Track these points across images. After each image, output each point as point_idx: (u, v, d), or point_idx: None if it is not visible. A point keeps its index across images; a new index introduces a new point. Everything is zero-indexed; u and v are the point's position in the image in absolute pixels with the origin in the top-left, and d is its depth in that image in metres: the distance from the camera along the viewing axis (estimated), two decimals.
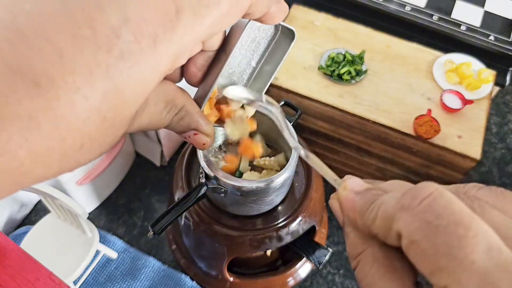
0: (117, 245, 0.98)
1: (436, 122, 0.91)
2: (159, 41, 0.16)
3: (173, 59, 0.17)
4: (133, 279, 0.92)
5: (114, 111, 0.15)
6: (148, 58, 0.16)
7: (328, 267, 1.07)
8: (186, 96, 0.22)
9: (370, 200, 0.18)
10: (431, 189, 0.15)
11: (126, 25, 0.15)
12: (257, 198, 0.68)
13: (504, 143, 1.32)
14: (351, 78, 0.98)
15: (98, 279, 0.93)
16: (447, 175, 1.00)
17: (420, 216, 0.15)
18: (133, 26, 0.15)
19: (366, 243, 0.18)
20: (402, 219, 0.15)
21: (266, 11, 0.20)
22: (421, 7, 1.11)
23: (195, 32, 0.17)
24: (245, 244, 0.75)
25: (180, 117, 0.21)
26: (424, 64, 1.02)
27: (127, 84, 0.15)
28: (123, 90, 0.15)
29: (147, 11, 0.15)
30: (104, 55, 0.14)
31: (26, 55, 0.13)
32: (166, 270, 0.96)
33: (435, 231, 0.14)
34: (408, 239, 0.15)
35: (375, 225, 0.17)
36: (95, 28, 0.14)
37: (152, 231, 0.61)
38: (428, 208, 0.15)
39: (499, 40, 1.07)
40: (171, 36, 0.16)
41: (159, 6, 0.16)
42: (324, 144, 1.08)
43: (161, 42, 0.16)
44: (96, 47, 0.14)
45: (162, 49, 0.16)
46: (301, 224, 0.77)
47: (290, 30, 0.24)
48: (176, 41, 0.17)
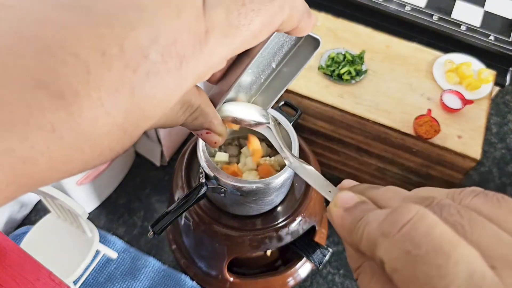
0: (117, 245, 0.98)
1: (436, 122, 0.91)
2: (186, 61, 0.16)
3: (198, 78, 0.17)
4: (133, 279, 0.92)
5: (134, 126, 0.15)
6: (173, 78, 0.15)
7: (328, 267, 1.07)
8: (202, 96, 0.22)
9: (357, 218, 0.18)
10: (411, 213, 0.15)
11: (155, 45, 0.15)
12: (257, 198, 0.68)
13: (504, 143, 1.32)
14: (351, 78, 0.98)
15: (98, 279, 0.93)
16: (447, 175, 1.00)
17: (399, 246, 0.14)
18: (162, 46, 0.15)
19: (363, 257, 0.18)
20: (382, 246, 0.15)
21: (296, 25, 0.20)
22: (421, 7, 1.11)
23: (223, 53, 0.17)
24: (245, 244, 0.75)
25: (194, 117, 0.22)
26: (424, 64, 1.02)
27: (150, 103, 0.15)
28: (144, 108, 0.15)
29: (177, 30, 0.15)
30: (130, 74, 0.14)
31: (53, 68, 0.13)
32: (166, 270, 0.96)
33: (414, 261, 0.14)
34: (389, 266, 0.15)
35: (362, 246, 0.17)
36: (123, 46, 0.14)
37: (152, 231, 0.61)
38: (407, 236, 0.14)
39: (499, 40, 1.07)
40: (198, 57, 0.16)
41: (190, 25, 0.16)
42: (324, 144, 1.08)
43: (188, 63, 0.16)
44: (123, 65, 0.14)
45: (188, 70, 0.16)
46: (301, 224, 0.77)
47: (315, 38, 0.24)
48: (203, 62, 0.16)
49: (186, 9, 0.16)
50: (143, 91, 0.15)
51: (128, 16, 0.14)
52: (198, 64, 0.16)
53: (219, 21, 0.16)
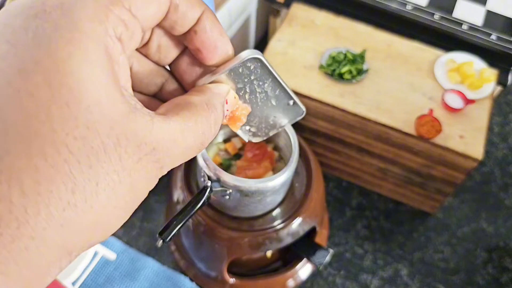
0: (115, 246, 0.97)
1: (437, 122, 0.91)
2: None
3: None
4: (132, 281, 0.92)
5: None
6: None
7: (328, 268, 1.06)
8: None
9: None
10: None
11: None
12: (261, 197, 0.67)
13: (506, 143, 1.31)
14: (352, 78, 0.97)
15: (97, 280, 0.92)
16: (448, 175, 0.99)
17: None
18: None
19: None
20: None
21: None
22: (423, 6, 1.11)
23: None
24: (245, 245, 0.74)
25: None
26: (426, 63, 1.02)
27: None
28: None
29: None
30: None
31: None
32: (165, 271, 0.96)
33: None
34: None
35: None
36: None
37: (161, 239, 0.60)
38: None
39: (501, 39, 1.06)
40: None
41: None
42: (324, 144, 1.07)
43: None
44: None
45: None
46: (302, 225, 0.77)
47: (301, 109, 0.24)
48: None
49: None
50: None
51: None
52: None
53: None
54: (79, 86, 0.13)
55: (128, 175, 0.14)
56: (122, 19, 0.15)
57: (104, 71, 0.14)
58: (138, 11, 0.15)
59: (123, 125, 0.14)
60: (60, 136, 0.13)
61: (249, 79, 0.21)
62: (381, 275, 1.07)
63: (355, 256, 1.09)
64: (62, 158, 0.13)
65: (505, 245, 1.13)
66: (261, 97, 0.22)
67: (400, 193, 1.14)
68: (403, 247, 1.12)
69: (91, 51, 0.14)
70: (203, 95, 0.19)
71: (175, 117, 0.16)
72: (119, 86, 0.15)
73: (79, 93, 0.13)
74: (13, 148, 0.13)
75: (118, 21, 0.15)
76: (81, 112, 0.13)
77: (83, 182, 0.13)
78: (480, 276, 1.08)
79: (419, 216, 1.16)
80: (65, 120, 0.13)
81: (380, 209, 1.16)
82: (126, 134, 0.14)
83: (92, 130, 0.13)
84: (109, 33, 0.14)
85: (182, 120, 0.16)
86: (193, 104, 0.17)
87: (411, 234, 1.14)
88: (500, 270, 1.10)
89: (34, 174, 0.13)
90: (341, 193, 1.17)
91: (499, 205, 1.19)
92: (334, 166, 1.14)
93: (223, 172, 0.63)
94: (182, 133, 0.16)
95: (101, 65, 0.14)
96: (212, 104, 0.18)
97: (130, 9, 0.15)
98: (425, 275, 1.08)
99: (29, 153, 0.13)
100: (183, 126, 0.16)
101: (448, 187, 1.03)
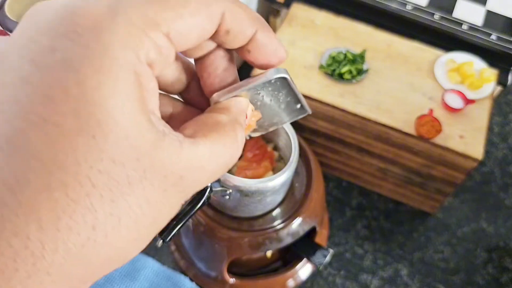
0: None
1: (437, 122, 0.91)
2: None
3: None
4: (132, 280, 0.92)
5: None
6: None
7: (328, 268, 1.06)
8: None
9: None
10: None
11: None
12: (261, 197, 0.67)
13: (506, 143, 1.31)
14: (352, 78, 0.97)
15: (97, 280, 0.92)
16: (448, 175, 0.99)
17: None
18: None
19: None
20: None
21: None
22: (423, 6, 1.11)
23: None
24: (244, 245, 0.74)
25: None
26: (426, 63, 1.02)
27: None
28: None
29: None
30: None
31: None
32: (165, 271, 0.95)
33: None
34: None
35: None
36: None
37: (161, 239, 0.60)
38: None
39: (501, 39, 1.06)
40: None
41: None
42: (324, 144, 1.07)
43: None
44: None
45: None
46: (302, 225, 0.77)
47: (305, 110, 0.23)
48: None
49: None
50: None
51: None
52: None
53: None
54: (107, 118, 0.13)
55: (151, 208, 0.14)
56: (158, 44, 0.14)
57: (133, 100, 0.13)
58: (177, 37, 0.15)
59: (150, 156, 0.13)
60: (84, 169, 0.12)
61: (268, 90, 0.21)
62: (381, 275, 1.07)
63: (355, 256, 1.09)
64: (84, 191, 0.12)
65: (505, 245, 1.13)
66: (272, 104, 0.22)
67: (400, 193, 1.14)
68: (403, 247, 1.12)
69: (121, 80, 0.13)
70: (230, 114, 0.18)
71: (203, 140, 0.15)
72: (148, 113, 0.14)
73: (106, 126, 0.13)
74: (34, 179, 0.12)
75: (153, 46, 0.14)
76: (108, 145, 0.13)
77: (104, 217, 0.13)
78: (480, 276, 1.08)
79: (419, 216, 1.16)
80: (90, 153, 0.13)
81: (380, 209, 1.16)
82: (153, 165, 0.14)
83: (118, 163, 0.13)
84: (141, 59, 0.14)
85: (210, 143, 0.15)
86: (221, 124, 0.17)
87: (411, 234, 1.14)
88: (500, 270, 1.10)
89: (53, 208, 0.12)
90: (341, 193, 1.17)
91: (499, 205, 1.19)
92: (334, 166, 1.14)
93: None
94: (210, 158, 0.15)
95: (130, 94, 0.13)
96: (238, 123, 0.17)
97: (168, 34, 0.14)
98: (425, 275, 1.08)
99: (49, 186, 0.12)
100: (211, 150, 0.15)
101: (448, 187, 1.03)
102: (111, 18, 0.13)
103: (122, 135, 0.13)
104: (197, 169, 0.15)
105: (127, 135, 0.13)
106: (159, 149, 0.14)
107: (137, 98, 0.14)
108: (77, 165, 0.12)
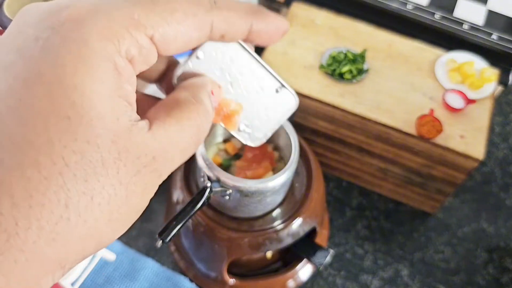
0: (115, 247, 0.97)
1: (438, 122, 0.90)
2: None
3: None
4: (131, 281, 0.91)
5: None
6: None
7: (328, 269, 1.06)
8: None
9: None
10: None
11: None
12: (261, 198, 0.67)
13: (507, 143, 1.31)
14: (352, 77, 0.97)
15: (97, 281, 0.92)
16: (449, 175, 0.99)
17: None
18: None
19: None
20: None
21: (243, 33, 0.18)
22: (423, 6, 1.10)
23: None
24: (244, 245, 0.74)
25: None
26: (426, 63, 1.01)
27: None
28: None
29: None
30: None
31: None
32: (165, 272, 0.95)
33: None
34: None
35: None
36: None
37: (160, 239, 0.60)
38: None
39: (502, 39, 1.05)
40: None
41: None
42: (324, 144, 1.07)
43: None
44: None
45: None
46: (302, 226, 0.76)
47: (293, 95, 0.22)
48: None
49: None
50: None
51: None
52: None
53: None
54: (82, 100, 0.13)
55: (124, 189, 0.14)
56: (139, 43, 0.15)
57: (109, 87, 0.14)
58: (162, 41, 0.15)
59: (124, 139, 0.14)
60: (57, 148, 0.13)
61: (227, 65, 0.20)
62: (382, 275, 1.07)
63: (356, 257, 1.09)
64: (57, 170, 0.13)
65: (506, 246, 1.13)
66: (247, 87, 0.21)
67: (401, 193, 1.14)
68: (403, 247, 1.11)
69: (98, 67, 0.14)
70: (187, 91, 0.18)
71: (168, 119, 0.16)
72: (123, 100, 0.15)
73: (81, 107, 0.13)
74: (6, 158, 0.12)
75: (134, 44, 0.15)
76: (82, 126, 0.13)
77: (77, 196, 0.13)
78: (480, 277, 1.08)
79: (420, 216, 1.16)
80: (63, 133, 0.13)
81: (380, 209, 1.16)
82: (127, 147, 0.14)
83: (92, 144, 0.13)
84: (121, 53, 0.14)
85: (175, 120, 0.16)
86: (180, 101, 0.17)
87: (412, 234, 1.13)
88: (501, 270, 1.09)
89: (26, 186, 0.12)
90: (341, 193, 1.17)
91: (500, 205, 1.19)
92: (334, 166, 1.13)
93: (223, 172, 0.63)
94: (178, 134, 0.16)
95: (107, 81, 0.14)
96: (198, 97, 0.18)
97: (152, 37, 0.15)
98: (425, 275, 1.08)
99: (22, 164, 0.12)
100: (177, 127, 0.16)
101: (449, 187, 1.03)
102: (94, 13, 0.14)
103: (97, 117, 0.13)
104: (169, 148, 0.15)
105: (102, 118, 0.14)
106: (132, 133, 0.14)
107: (114, 85, 0.14)
108: (50, 144, 0.13)
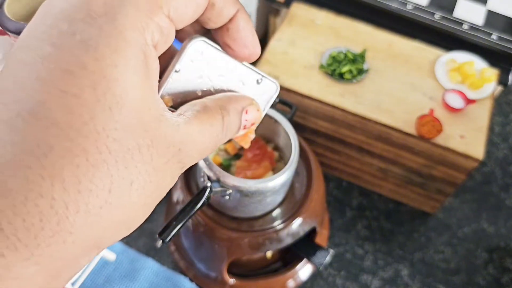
0: (115, 246, 0.97)
1: (438, 122, 0.90)
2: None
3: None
4: (131, 281, 0.91)
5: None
6: None
7: (328, 269, 1.06)
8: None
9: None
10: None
11: None
12: (261, 198, 0.67)
13: (507, 143, 1.31)
14: (352, 77, 0.97)
15: (97, 280, 0.92)
16: (449, 175, 0.99)
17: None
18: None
19: None
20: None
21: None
22: (423, 6, 1.10)
23: None
24: (244, 245, 0.74)
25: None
26: (426, 63, 1.01)
27: None
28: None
29: None
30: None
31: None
32: (165, 272, 0.95)
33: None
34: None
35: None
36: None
37: (160, 239, 0.60)
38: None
39: (502, 39, 1.05)
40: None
41: None
42: (325, 144, 1.07)
43: None
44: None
45: None
46: (302, 226, 0.76)
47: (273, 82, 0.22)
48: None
49: None
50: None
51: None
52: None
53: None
54: (122, 93, 0.14)
55: (156, 175, 0.15)
56: (160, 25, 0.16)
57: (142, 78, 0.15)
58: (176, 14, 0.16)
59: (155, 128, 0.15)
60: (102, 137, 0.14)
61: (206, 70, 0.20)
62: (382, 275, 1.07)
63: (356, 257, 1.09)
64: (102, 158, 0.14)
65: (506, 246, 1.13)
66: (229, 86, 0.21)
67: (401, 193, 1.14)
68: (403, 247, 1.11)
69: (133, 59, 0.15)
70: (220, 100, 0.20)
71: (193, 119, 0.17)
72: (154, 92, 0.16)
73: (121, 99, 0.14)
74: (57, 145, 0.13)
75: (156, 28, 0.15)
76: (122, 116, 0.14)
77: (119, 181, 0.14)
78: (480, 277, 1.08)
79: (420, 216, 1.16)
80: (106, 123, 0.14)
81: (380, 209, 1.16)
82: (158, 136, 0.15)
83: (129, 133, 0.14)
84: (147, 42, 0.15)
85: (200, 122, 0.17)
86: (208, 107, 0.19)
87: (412, 234, 1.13)
88: (501, 270, 1.09)
89: (76, 173, 0.13)
90: (341, 193, 1.17)
91: (500, 205, 1.19)
92: (334, 166, 1.13)
93: (223, 172, 0.63)
94: (200, 134, 0.17)
95: (140, 73, 0.15)
96: (226, 109, 0.19)
97: (168, 15, 0.16)
98: (425, 275, 1.07)
99: (71, 151, 0.13)
100: (201, 128, 0.17)
101: (449, 187, 1.03)
102: (120, 3, 0.15)
103: (133, 108, 0.15)
104: (191, 143, 0.17)
105: (137, 109, 0.15)
106: (162, 123, 0.15)
107: (145, 76, 0.15)
108: (96, 133, 0.14)
